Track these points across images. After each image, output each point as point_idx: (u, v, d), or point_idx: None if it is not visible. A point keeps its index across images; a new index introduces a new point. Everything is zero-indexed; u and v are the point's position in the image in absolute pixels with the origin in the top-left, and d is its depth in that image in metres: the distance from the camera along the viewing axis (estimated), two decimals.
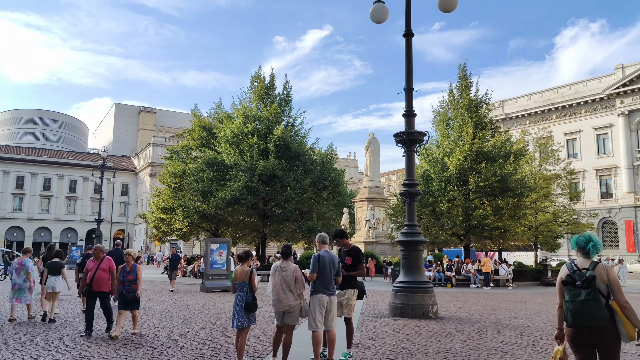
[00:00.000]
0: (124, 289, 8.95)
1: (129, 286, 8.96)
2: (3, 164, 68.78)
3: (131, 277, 8.99)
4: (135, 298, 9.02)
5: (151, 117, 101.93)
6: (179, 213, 30.78)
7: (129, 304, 8.99)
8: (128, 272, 9.00)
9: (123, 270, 9.02)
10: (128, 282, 8.96)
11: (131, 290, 8.97)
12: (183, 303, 15.13)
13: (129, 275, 8.99)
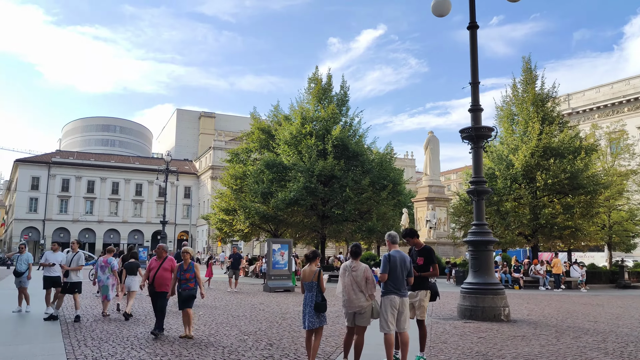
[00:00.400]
0: (180, 287, 8.84)
1: (185, 284, 8.80)
2: (76, 169, 72.74)
3: (188, 275, 8.81)
4: (191, 295, 8.81)
5: (211, 121, 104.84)
6: (240, 214, 31.34)
7: (184, 302, 8.79)
8: (185, 271, 8.84)
9: (180, 269, 8.88)
10: (185, 281, 8.81)
11: (187, 289, 8.78)
12: (248, 303, 15.30)
13: (186, 273, 8.82)
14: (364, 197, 28.20)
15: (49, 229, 69.47)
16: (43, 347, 7.95)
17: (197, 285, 8.93)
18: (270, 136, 33.29)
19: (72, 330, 9.47)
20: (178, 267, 8.92)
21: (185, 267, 8.85)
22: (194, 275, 8.86)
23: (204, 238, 72.98)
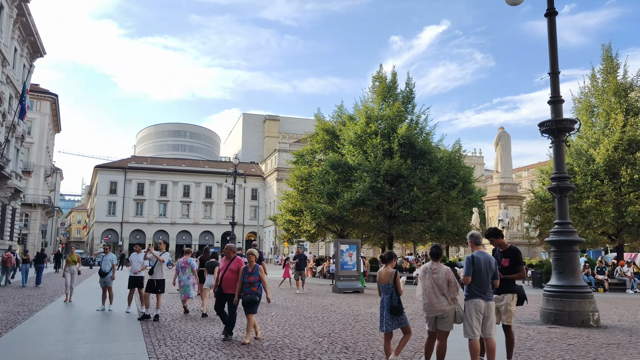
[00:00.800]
0: (243, 291, 8.36)
1: (248, 288, 8.32)
2: (149, 174, 76.18)
3: (252, 278, 8.33)
4: (252, 300, 8.27)
5: (275, 124, 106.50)
6: (307, 215, 31.49)
7: (247, 306, 8.31)
8: (250, 274, 8.37)
9: (245, 271, 8.43)
10: (248, 284, 8.33)
11: (250, 292, 8.29)
12: (318, 304, 15.23)
13: (251, 276, 8.35)
14: (432, 196, 27.50)
15: (126, 231, 73.18)
16: (126, 346, 8.20)
17: (261, 290, 8.50)
18: (335, 137, 33.24)
19: (152, 330, 9.74)
20: (242, 270, 8.50)
21: (250, 269, 8.42)
22: (258, 279, 8.38)
23: (271, 239, 74.15)
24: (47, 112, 59.83)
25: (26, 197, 50.08)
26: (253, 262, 8.49)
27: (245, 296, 8.28)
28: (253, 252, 8.58)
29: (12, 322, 10.64)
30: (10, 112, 36.18)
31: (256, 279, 8.37)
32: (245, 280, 8.35)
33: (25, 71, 40.82)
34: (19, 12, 35.65)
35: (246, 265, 8.55)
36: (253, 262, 8.49)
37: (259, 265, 8.58)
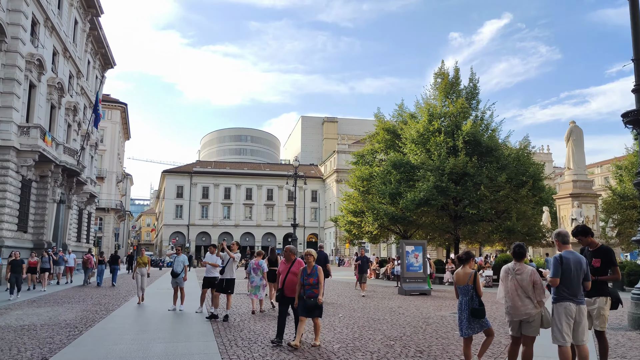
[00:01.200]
0: (305, 294, 7.96)
1: (310, 290, 7.92)
2: (213, 177, 78.32)
3: (312, 280, 7.95)
4: (317, 304, 7.93)
5: (334, 126, 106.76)
6: (369, 216, 31.16)
7: (310, 310, 7.94)
8: (309, 275, 7.99)
9: (304, 273, 8.07)
10: (309, 286, 7.93)
11: (312, 295, 7.92)
12: (385, 306, 14.91)
13: (310, 278, 7.96)
14: (500, 195, 26.39)
15: (192, 233, 75.57)
16: (198, 346, 8.27)
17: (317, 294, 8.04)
18: (396, 136, 32.71)
19: (222, 330, 9.82)
20: (301, 271, 8.13)
21: (309, 271, 8.03)
22: (317, 280, 7.97)
23: (332, 240, 74.21)
24: (117, 121, 62.92)
25: (100, 201, 52.74)
26: (312, 262, 8.11)
27: (310, 300, 7.90)
28: (311, 253, 8.22)
29: (91, 321, 11.08)
30: (85, 122, 38.22)
31: (316, 280, 7.95)
32: (305, 282, 7.97)
33: (97, 82, 43.06)
34: (91, 26, 37.62)
35: (305, 266, 8.18)
36: (312, 263, 8.11)
37: (318, 266, 8.17)
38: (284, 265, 8.62)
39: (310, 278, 7.94)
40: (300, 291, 8.01)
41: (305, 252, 8.22)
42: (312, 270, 8.03)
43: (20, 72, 24.05)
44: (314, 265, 8.11)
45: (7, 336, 9.03)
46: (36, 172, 26.47)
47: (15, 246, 22.69)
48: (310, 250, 8.32)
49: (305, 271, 8.05)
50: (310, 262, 8.10)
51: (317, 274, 7.97)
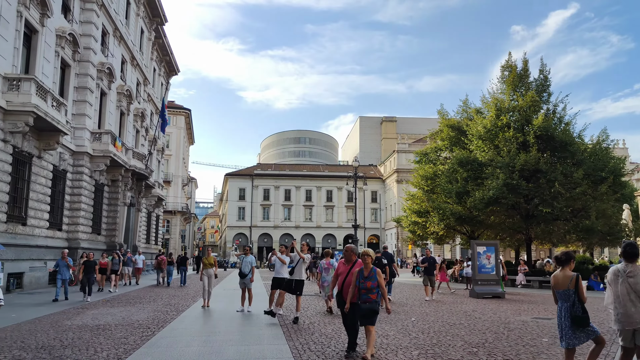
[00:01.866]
0: (360, 299, 7.12)
1: (366, 295, 7.09)
2: (274, 180, 79.24)
3: (370, 284, 7.09)
4: (373, 310, 7.06)
5: (392, 125, 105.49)
6: (434, 216, 30.21)
7: (365, 317, 7.10)
8: (366, 278, 7.14)
9: (360, 275, 7.20)
10: (365, 290, 7.09)
11: (368, 300, 7.08)
12: (459, 310, 14.17)
13: (367, 281, 7.11)
14: (577, 192, 24.71)
15: (255, 235, 76.75)
16: (270, 349, 8.00)
17: (379, 297, 7.19)
18: (461, 132, 31.51)
19: (293, 333, 9.53)
20: (357, 273, 7.24)
21: (367, 273, 7.17)
22: (376, 284, 7.11)
23: (393, 241, 73.12)
24: (182, 126, 64.94)
25: (167, 204, 54.49)
26: (369, 264, 7.26)
27: (365, 305, 7.04)
28: (369, 253, 7.32)
29: (162, 321, 11.13)
30: (152, 127, 39.55)
31: (374, 284, 7.09)
32: (362, 286, 7.10)
33: (162, 89, 44.51)
34: (156, 34, 38.90)
35: (361, 268, 7.31)
36: (369, 265, 7.25)
37: (376, 268, 7.33)
38: (344, 266, 7.86)
39: (367, 282, 7.09)
40: (354, 295, 7.19)
41: (362, 252, 7.34)
42: (370, 272, 7.18)
43: (92, 80, 25.07)
44: (372, 267, 7.27)
45: (84, 335, 9.16)
46: (108, 177, 27.52)
47: (90, 247, 23.62)
48: (367, 250, 7.43)
49: (362, 274, 7.20)
50: (368, 263, 7.25)
51: (376, 278, 7.13)
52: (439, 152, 34.20)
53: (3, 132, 17.21)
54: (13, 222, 18.27)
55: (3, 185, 17.33)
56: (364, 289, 7.06)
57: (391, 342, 8.60)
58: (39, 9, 19.84)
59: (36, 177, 19.98)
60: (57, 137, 20.23)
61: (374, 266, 7.32)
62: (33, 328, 10.07)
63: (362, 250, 7.41)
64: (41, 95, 18.38)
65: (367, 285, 7.05)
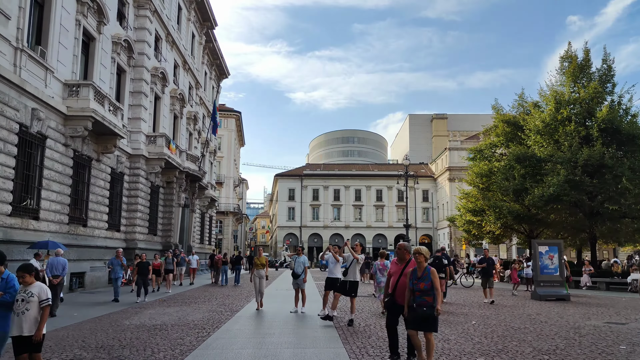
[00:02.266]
0: (414, 301, 6.43)
1: (421, 298, 6.36)
2: (323, 180, 79.25)
3: (424, 285, 6.38)
4: (431, 315, 6.27)
5: (443, 123, 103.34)
6: (490, 214, 29.17)
7: (422, 322, 6.33)
8: (419, 279, 6.45)
9: (413, 276, 6.55)
10: (420, 293, 6.39)
11: (423, 303, 6.32)
12: (522, 313, 13.44)
13: (421, 282, 6.41)
14: None
15: (304, 235, 77.02)
16: (328, 353, 7.74)
17: (435, 300, 6.37)
18: (517, 127, 30.27)
19: (349, 336, 9.24)
20: (410, 274, 6.60)
21: (420, 274, 6.50)
22: (430, 286, 6.39)
23: (446, 241, 71.51)
24: (233, 129, 66.01)
25: (219, 205, 55.46)
26: (423, 263, 6.58)
27: (420, 309, 6.30)
28: (421, 251, 6.64)
29: (217, 322, 11.10)
30: (204, 130, 40.31)
31: (429, 285, 6.37)
32: (415, 288, 6.43)
33: (213, 92, 45.32)
34: (206, 38, 39.62)
35: (414, 268, 6.62)
36: (423, 264, 6.57)
37: (430, 267, 6.61)
38: (396, 266, 7.18)
39: (420, 283, 6.40)
40: (409, 298, 6.57)
41: (414, 250, 6.70)
42: (424, 273, 6.48)
43: (147, 85, 25.72)
44: (426, 266, 6.58)
45: (141, 335, 9.22)
46: (163, 179, 28.18)
47: (147, 248, 24.22)
48: (420, 247, 6.74)
49: (415, 274, 6.52)
50: (421, 262, 6.57)
51: (430, 278, 6.42)
52: (494, 148, 32.98)
53: (64, 136, 17.85)
54: (74, 223, 18.94)
55: (65, 188, 17.99)
56: (417, 291, 6.41)
57: (453, 347, 8.16)
58: (96, 17, 20.49)
59: (95, 180, 20.65)
60: (114, 141, 20.84)
61: (428, 265, 6.65)
62: (93, 327, 10.27)
63: (414, 248, 6.80)
64: (99, 100, 18.96)
65: (421, 287, 6.37)
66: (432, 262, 14.68)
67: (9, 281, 5.48)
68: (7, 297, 5.33)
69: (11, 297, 5.32)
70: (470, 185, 33.00)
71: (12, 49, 14.85)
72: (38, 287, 5.30)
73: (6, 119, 14.40)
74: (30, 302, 5.19)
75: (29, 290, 5.24)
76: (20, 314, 5.16)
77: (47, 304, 5.27)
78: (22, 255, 14.87)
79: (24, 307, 5.17)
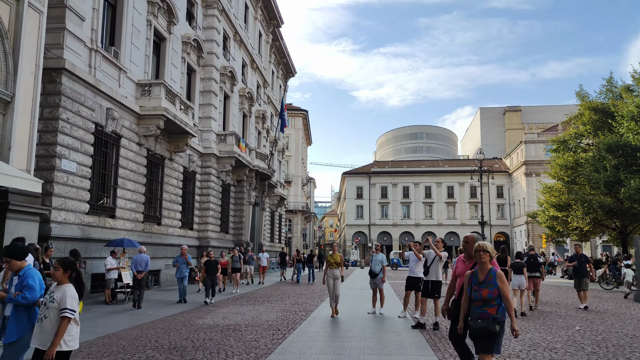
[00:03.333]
0: (471, 313, 4.91)
1: (481, 309, 4.81)
2: (391, 177, 77.74)
3: (487, 292, 4.81)
4: (489, 331, 4.69)
5: (517, 115, 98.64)
6: (577, 209, 26.93)
7: (478, 341, 4.80)
8: (481, 284, 4.89)
9: (472, 280, 5.01)
10: (480, 302, 4.84)
11: (484, 316, 4.76)
12: (630, 317, 11.88)
13: (483, 289, 4.85)
14: None
15: (373, 233, 75.88)
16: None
17: (502, 312, 4.80)
18: (606, 115, 27.79)
19: (437, 341, 8.32)
20: (469, 277, 5.07)
21: (482, 277, 4.93)
22: (496, 293, 4.81)
23: (523, 239, 67.92)
24: (300, 127, 66.17)
25: (288, 204, 55.62)
26: (487, 264, 4.97)
27: (476, 323, 4.79)
28: (485, 247, 4.98)
29: (292, 323, 10.54)
30: (272, 129, 40.36)
31: (494, 293, 4.80)
32: (475, 296, 4.90)
33: (281, 91, 45.36)
34: (273, 37, 39.62)
35: (474, 270, 5.09)
36: (487, 265, 4.97)
37: (496, 270, 4.97)
38: (463, 265, 5.77)
39: (483, 289, 4.84)
40: (466, 309, 5.06)
41: (477, 247, 5.03)
42: (488, 276, 4.90)
43: (216, 84, 25.84)
44: (491, 268, 4.97)
45: (215, 336, 8.79)
46: (233, 177, 28.27)
47: (219, 246, 24.30)
48: (483, 243, 5.04)
49: (476, 277, 4.98)
50: (485, 262, 4.96)
51: (496, 283, 4.82)
52: (580, 138, 30.50)
53: (137, 135, 18.07)
54: (149, 221, 19.17)
55: (139, 187, 18.22)
56: (478, 300, 4.85)
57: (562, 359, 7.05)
58: (166, 17, 20.69)
59: (168, 179, 20.86)
60: (185, 140, 20.96)
61: (492, 267, 5.01)
62: (167, 326, 9.99)
63: (477, 244, 5.09)
64: (170, 99, 19.07)
65: (483, 295, 4.81)
66: (527, 260, 13.30)
67: (25, 278, 4.73)
68: (20, 297, 4.59)
69: (30, 297, 4.61)
70: (554, 178, 30.71)
71: (87, 50, 15.10)
72: (62, 291, 4.26)
73: (83, 118, 14.64)
74: (50, 308, 4.23)
75: (53, 292, 4.29)
76: (40, 320, 4.26)
77: (67, 315, 4.16)
78: (99, 253, 15.11)
79: (44, 313, 4.26)
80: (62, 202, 13.68)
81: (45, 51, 13.09)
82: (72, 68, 13.89)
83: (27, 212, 11.27)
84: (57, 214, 13.46)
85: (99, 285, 15.23)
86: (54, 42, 13.59)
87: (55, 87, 13.64)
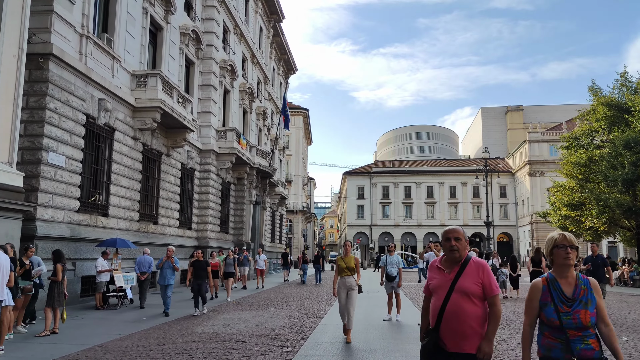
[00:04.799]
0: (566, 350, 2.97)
1: (583, 343, 2.94)
2: (392, 177, 76.68)
3: (586, 314, 2.97)
4: None
5: (519, 115, 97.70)
6: (591, 208, 25.89)
7: None
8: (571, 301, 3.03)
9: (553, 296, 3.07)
10: (580, 331, 2.96)
11: (588, 353, 2.92)
12: None
13: (579, 309, 2.99)
14: None
15: (375, 234, 74.81)
16: None
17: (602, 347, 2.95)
18: (622, 110, 26.76)
19: None
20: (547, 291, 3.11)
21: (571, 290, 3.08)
22: (596, 314, 2.99)
23: (527, 239, 66.94)
24: (300, 126, 65.09)
25: (289, 204, 54.53)
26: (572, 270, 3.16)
27: None
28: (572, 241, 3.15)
29: (301, 331, 9.48)
30: (273, 126, 39.29)
31: (593, 313, 3.00)
32: (567, 323, 2.98)
33: (281, 88, 44.30)
34: (274, 32, 38.55)
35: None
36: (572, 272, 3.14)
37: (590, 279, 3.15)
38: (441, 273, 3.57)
39: (578, 310, 2.99)
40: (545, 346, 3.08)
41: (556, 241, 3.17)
42: (579, 287, 3.08)
43: (216, 77, 24.75)
44: (577, 274, 3.16)
45: (215, 349, 7.72)
46: (233, 175, 27.20)
47: (219, 247, 23.19)
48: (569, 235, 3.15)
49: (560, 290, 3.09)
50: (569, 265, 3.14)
51: (594, 297, 3.03)
52: (593, 134, 29.45)
53: (133, 129, 16.99)
54: (145, 220, 18.09)
55: (135, 184, 17.14)
56: (572, 329, 2.96)
57: None
58: (163, 6, 19.63)
59: (165, 176, 19.79)
60: (184, 134, 19.88)
61: (579, 273, 3.17)
62: (161, 336, 8.91)
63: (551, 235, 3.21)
64: (167, 91, 17.99)
65: (581, 319, 2.96)
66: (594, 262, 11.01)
67: None
68: None
69: None
70: (567, 176, 29.65)
71: (77, 36, 14.03)
72: None
73: (72, 109, 13.56)
74: None
75: None
76: None
77: None
78: (91, 254, 14.03)
79: None
80: (49, 199, 12.60)
81: (31, 35, 12.06)
82: (60, 54, 12.81)
83: (7, 208, 10.19)
84: (43, 211, 12.38)
85: (90, 288, 14.16)
86: (40, 25, 12.53)
87: (42, 74, 12.57)
